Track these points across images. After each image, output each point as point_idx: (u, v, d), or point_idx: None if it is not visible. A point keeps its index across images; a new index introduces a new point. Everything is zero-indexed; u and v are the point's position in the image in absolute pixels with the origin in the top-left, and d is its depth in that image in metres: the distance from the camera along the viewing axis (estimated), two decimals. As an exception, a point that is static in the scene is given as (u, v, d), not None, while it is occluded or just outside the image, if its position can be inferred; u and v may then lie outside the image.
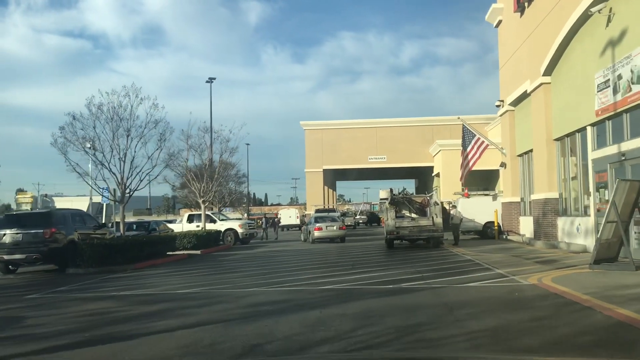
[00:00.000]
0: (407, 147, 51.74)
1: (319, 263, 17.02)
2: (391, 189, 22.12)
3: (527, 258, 15.84)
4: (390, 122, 52.90)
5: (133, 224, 25.24)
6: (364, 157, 52.21)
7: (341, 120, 54.03)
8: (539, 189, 21.01)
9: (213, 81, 40.31)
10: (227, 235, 29.54)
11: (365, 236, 35.65)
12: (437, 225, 20.90)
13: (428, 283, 11.22)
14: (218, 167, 26.79)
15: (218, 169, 26.71)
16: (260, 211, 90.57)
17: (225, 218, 31.66)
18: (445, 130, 50.28)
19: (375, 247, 23.58)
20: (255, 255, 21.22)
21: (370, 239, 32.18)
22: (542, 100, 20.47)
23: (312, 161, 52.43)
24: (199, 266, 17.08)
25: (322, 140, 52.54)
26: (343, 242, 27.87)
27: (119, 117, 17.24)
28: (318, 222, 28.66)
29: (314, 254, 20.92)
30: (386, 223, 21.36)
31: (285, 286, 11.50)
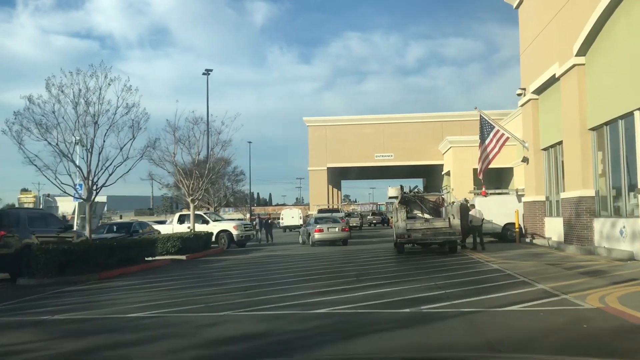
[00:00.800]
0: (416, 145, 49.01)
1: (317, 273, 14.34)
2: (401, 186, 19.39)
3: (566, 268, 13.10)
4: (397, 118, 50.16)
5: (114, 225, 22.64)
6: (370, 155, 49.50)
7: (346, 117, 51.41)
8: (570, 185, 18.24)
9: (210, 73, 37.87)
10: (221, 238, 26.95)
11: (372, 238, 32.93)
12: (454, 227, 18.18)
13: (455, 305, 8.52)
14: (209, 162, 24.13)
15: (208, 165, 24.05)
16: (264, 211, 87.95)
17: (219, 219, 29.05)
18: (455, 126, 47.51)
19: (383, 252, 20.88)
20: (245, 262, 18.59)
21: (377, 242, 29.47)
22: (574, 85, 17.70)
23: (315, 159, 49.78)
24: (176, 276, 14.44)
25: (326, 137, 49.87)
26: (345, 245, 25.58)
27: (85, 100, 14.63)
28: (319, 223, 26.29)
29: (312, 260, 18.26)
30: (395, 225, 18.65)
31: (269, 308, 8.83)
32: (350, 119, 50.62)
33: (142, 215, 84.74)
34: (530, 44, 22.89)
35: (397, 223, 18.41)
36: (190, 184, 23.10)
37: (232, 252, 24.66)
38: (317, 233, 25.50)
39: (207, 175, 23.96)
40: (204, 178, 23.50)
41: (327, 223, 26.16)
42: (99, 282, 13.31)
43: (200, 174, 23.73)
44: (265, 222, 31.47)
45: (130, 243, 16.27)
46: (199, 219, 27.34)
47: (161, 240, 19.57)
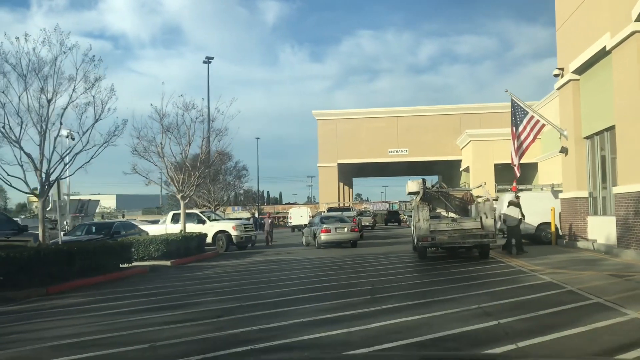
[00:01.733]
0: (432, 139, 45.81)
1: (320, 286, 11.40)
2: (423, 180, 16.32)
3: None
4: (412, 111, 46.99)
5: (93, 225, 19.83)
6: (383, 150, 46.40)
7: (358, 110, 48.30)
8: (628, 178, 15.08)
9: (211, 62, 35.14)
10: (219, 239, 24.11)
11: (386, 239, 29.92)
12: (487, 228, 15.14)
13: (524, 351, 5.52)
14: (201, 153, 21.20)
15: (201, 156, 21.13)
16: (274, 210, 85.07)
17: (218, 218, 26.19)
18: (474, 119, 44.26)
19: (400, 257, 17.89)
20: (236, 270, 15.67)
21: (392, 243, 26.44)
22: (633, 56, 14.54)
23: (325, 155, 46.77)
24: (142, 292, 11.52)
25: (337, 131, 46.85)
26: (355, 247, 23.14)
27: (35, 73, 11.81)
28: (325, 223, 23.73)
29: (316, 268, 15.31)
30: (416, 225, 15.62)
31: (238, 355, 5.87)
32: (362, 112, 47.53)
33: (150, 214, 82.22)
34: (570, 16, 19.70)
35: (419, 223, 15.38)
36: (180, 179, 20.24)
37: (228, 255, 21.79)
38: (324, 234, 23.03)
39: (199, 168, 21.06)
40: (196, 172, 20.60)
41: (335, 223, 23.69)
42: (42, 300, 10.49)
43: (193, 167, 20.86)
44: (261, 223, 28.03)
45: (95, 248, 13.40)
46: (194, 219, 24.53)
47: (142, 244, 16.70)
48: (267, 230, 27.28)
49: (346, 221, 24.51)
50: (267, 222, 27.86)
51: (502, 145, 41.40)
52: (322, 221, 24.22)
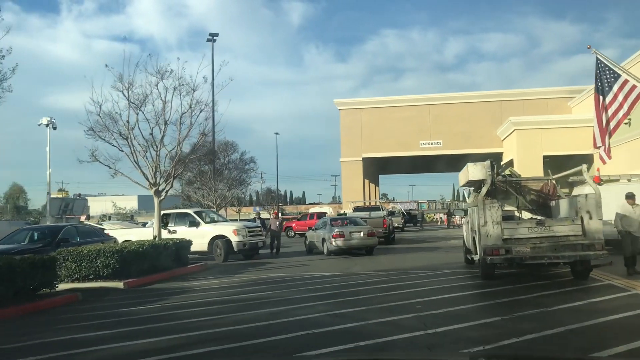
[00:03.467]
0: (468, 129, 40.10)
1: (343, 337, 6.14)
2: (492, 163, 10.88)
3: None
4: (445, 98, 41.36)
5: (35, 230, 14.90)
6: (414, 143, 40.88)
7: (384, 97, 42.78)
8: None
9: (215, 40, 30.24)
10: (216, 246, 19.08)
11: (419, 243, 24.50)
12: (591, 234, 9.73)
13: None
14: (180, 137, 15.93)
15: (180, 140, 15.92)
16: (296, 210, 79.88)
17: (219, 219, 21.11)
18: (517, 106, 38.42)
19: (452, 274, 12.56)
20: (209, 301, 10.34)
21: (428, 248, 21.03)
22: None
23: (349, 148, 41.46)
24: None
25: (361, 122, 41.49)
26: (371, 255, 19.24)
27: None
28: (337, 227, 19.67)
29: (334, 297, 9.95)
30: (479, 230, 10.23)
31: None
32: (389, 100, 42.03)
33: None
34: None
35: (485, 228, 10.01)
36: (153, 168, 15.20)
37: (219, 269, 16.74)
38: (336, 239, 18.95)
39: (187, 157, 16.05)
40: (174, 159, 15.56)
41: (349, 226, 19.69)
42: None
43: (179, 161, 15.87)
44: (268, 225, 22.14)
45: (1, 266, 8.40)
46: (186, 220, 19.57)
47: (85, 257, 11.66)
48: (274, 234, 21.21)
49: (361, 224, 20.47)
50: (273, 223, 21.45)
51: (552, 134, 35.53)
52: (332, 224, 20.06)
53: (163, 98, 15.21)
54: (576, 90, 38.76)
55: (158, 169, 15.46)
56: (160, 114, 15.36)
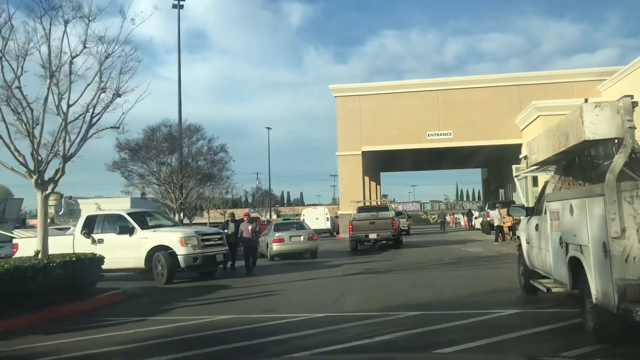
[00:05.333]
0: (482, 118, 34.27)
1: None
2: (632, 102, 5.15)
3: None
4: (457, 82, 35.50)
5: None
6: (420, 134, 35.01)
7: (387, 83, 36.92)
8: None
9: (182, 5, 24.55)
10: (156, 261, 13.30)
11: (425, 247, 18.71)
12: None
13: None
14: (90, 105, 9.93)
15: (90, 106, 9.97)
16: (293, 212, 73.88)
17: (168, 223, 15.22)
18: (538, 91, 32.58)
19: (509, 314, 6.64)
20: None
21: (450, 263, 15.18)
22: None
23: (346, 141, 35.61)
24: None
25: (361, 111, 35.64)
26: (315, 258, 19.15)
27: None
28: (279, 231, 19.62)
29: None
30: (610, 246, 4.38)
31: None
32: (392, 85, 36.16)
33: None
34: None
35: (623, 242, 4.21)
36: (34, 148, 9.35)
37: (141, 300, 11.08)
38: (275, 244, 19.00)
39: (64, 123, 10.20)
40: (60, 130, 9.70)
41: (290, 230, 19.73)
42: None
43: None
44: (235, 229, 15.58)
45: None
46: (115, 225, 13.78)
47: None
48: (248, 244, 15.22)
49: (304, 228, 20.44)
50: (244, 228, 15.28)
51: (583, 120, 29.74)
52: (277, 228, 20.00)
53: (47, 34, 9.36)
54: (607, 72, 32.91)
55: (41, 148, 9.60)
56: (46, 63, 9.53)
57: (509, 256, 16.77)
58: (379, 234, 21.64)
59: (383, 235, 21.77)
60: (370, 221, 21.72)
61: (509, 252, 18.21)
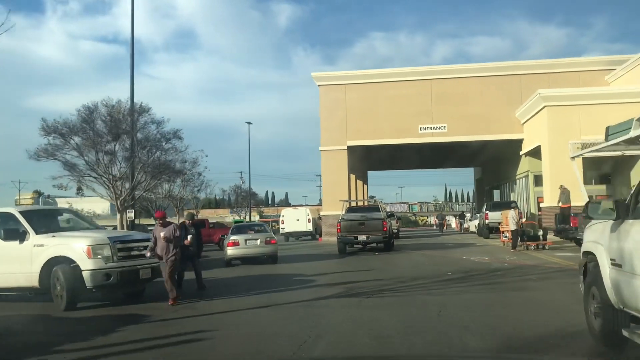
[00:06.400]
0: (480, 110, 30.69)
1: None
2: None
3: None
4: (452, 71, 31.81)
5: None
6: (412, 128, 31.30)
7: (375, 71, 33.07)
8: None
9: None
10: (54, 279, 9.37)
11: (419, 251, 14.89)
12: None
13: None
14: None
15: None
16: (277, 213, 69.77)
17: (81, 226, 11.26)
18: (541, 80, 28.95)
19: None
20: None
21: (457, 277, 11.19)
22: None
23: (330, 134, 31.79)
24: None
25: (347, 101, 31.85)
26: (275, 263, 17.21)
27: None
28: (235, 234, 17.78)
29: None
30: None
31: None
32: (381, 73, 32.36)
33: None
34: None
35: None
36: None
37: (5, 342, 7.04)
38: (230, 247, 17.06)
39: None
40: None
41: (247, 234, 17.95)
42: None
43: None
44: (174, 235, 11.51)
45: None
46: (1, 229, 9.83)
47: None
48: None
49: (264, 231, 18.72)
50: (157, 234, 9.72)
51: (594, 112, 26.13)
52: (233, 231, 18.55)
53: None
54: (616, 61, 29.48)
55: None
56: None
57: (529, 270, 13.04)
58: (369, 236, 20.02)
59: (373, 238, 20.13)
60: (360, 222, 20.13)
61: (524, 264, 14.49)
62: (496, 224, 27.68)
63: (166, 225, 9.71)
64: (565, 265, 13.79)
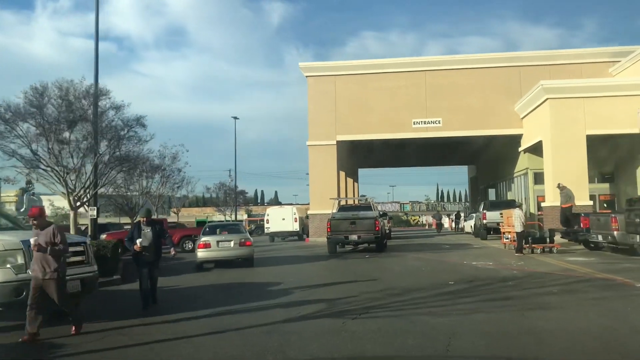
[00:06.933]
0: (477, 104, 28.76)
1: None
2: None
3: None
4: (448, 62, 29.75)
5: None
6: (405, 122, 29.26)
7: (367, 61, 30.97)
8: None
9: None
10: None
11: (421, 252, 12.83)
12: None
13: None
14: None
15: None
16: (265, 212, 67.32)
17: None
18: (542, 73, 26.94)
19: None
20: None
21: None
22: None
23: (319, 128, 29.67)
24: None
25: (336, 94, 29.76)
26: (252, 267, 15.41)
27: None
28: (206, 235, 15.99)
29: None
30: None
31: None
32: (373, 64, 30.28)
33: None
34: None
35: None
36: None
37: None
38: (201, 250, 15.18)
39: None
40: None
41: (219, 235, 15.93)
42: None
43: None
44: None
45: None
46: None
47: None
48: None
49: (238, 232, 16.50)
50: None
51: (600, 105, 24.30)
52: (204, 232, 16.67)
53: None
54: (621, 53, 27.63)
55: None
56: None
57: (544, 279, 10.97)
58: (360, 236, 18.98)
59: (365, 238, 19.10)
60: (351, 221, 19.10)
61: (535, 271, 12.44)
62: (494, 225, 25.78)
63: (44, 227, 7.02)
64: (584, 273, 11.77)
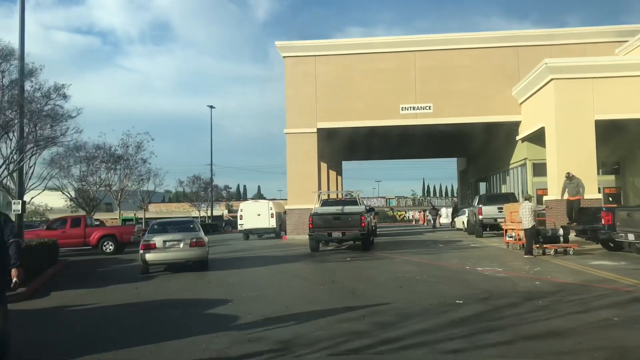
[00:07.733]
0: (471, 88, 25.83)
1: None
2: None
3: None
4: (439, 41, 26.69)
5: None
6: (392, 108, 26.21)
7: (350, 40, 27.80)
8: None
9: None
10: None
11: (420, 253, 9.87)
12: None
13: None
14: None
15: None
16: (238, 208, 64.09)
17: None
18: (542, 54, 23.96)
19: None
20: None
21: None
22: None
23: (297, 115, 26.50)
24: None
25: (317, 76, 26.60)
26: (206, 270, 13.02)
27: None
28: (155, 234, 13.17)
29: None
30: None
31: None
32: (357, 43, 27.16)
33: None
34: None
35: None
36: None
37: None
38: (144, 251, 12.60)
39: None
40: None
41: (168, 234, 13.18)
42: None
43: None
44: None
45: None
46: None
47: None
48: None
49: (191, 230, 13.53)
50: None
51: (610, 87, 21.61)
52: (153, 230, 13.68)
53: None
54: (628, 31, 24.92)
55: None
56: None
57: (585, 295, 7.93)
58: (345, 233, 17.39)
59: (349, 235, 17.54)
60: (335, 217, 17.67)
61: (564, 282, 9.50)
62: (491, 220, 23.07)
63: None
64: (631, 285, 8.86)
